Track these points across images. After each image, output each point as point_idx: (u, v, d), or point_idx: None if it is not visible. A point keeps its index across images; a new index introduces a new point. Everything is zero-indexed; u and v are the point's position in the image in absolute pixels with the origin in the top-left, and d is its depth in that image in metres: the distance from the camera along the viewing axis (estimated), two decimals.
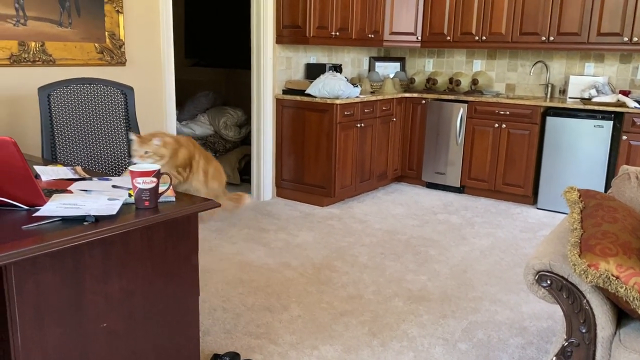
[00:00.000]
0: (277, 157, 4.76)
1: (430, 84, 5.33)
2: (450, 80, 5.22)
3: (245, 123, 5.63)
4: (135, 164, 1.88)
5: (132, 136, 2.05)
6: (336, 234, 3.86)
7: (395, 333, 2.51)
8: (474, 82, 5.12)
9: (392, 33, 5.23)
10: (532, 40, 4.70)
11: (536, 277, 1.77)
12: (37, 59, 2.97)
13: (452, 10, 5.06)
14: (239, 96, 6.12)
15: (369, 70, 5.67)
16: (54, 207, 1.49)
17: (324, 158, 4.46)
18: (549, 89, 4.91)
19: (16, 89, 2.93)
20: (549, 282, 1.74)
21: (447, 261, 3.41)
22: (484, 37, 4.92)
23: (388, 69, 5.70)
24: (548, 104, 4.51)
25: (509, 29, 4.79)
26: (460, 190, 5.05)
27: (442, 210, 4.53)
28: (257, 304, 2.74)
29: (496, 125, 4.72)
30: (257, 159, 4.72)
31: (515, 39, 4.78)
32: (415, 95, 5.14)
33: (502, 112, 4.68)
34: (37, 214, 1.46)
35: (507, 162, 4.72)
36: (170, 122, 3.82)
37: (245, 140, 5.60)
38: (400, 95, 5.10)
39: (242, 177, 5.23)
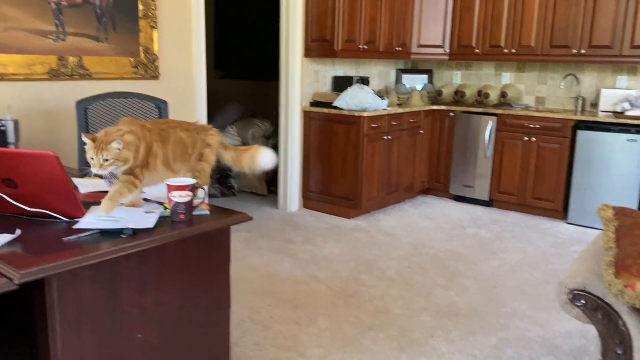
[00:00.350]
0: (304, 169, 4.79)
1: (459, 96, 5.31)
2: (479, 93, 5.19)
3: (273, 135, 5.68)
4: (91, 175, 1.65)
5: (85, 138, 1.56)
6: (363, 247, 3.85)
7: (424, 349, 2.49)
8: (503, 95, 5.08)
9: (420, 46, 5.24)
10: (563, 54, 4.65)
11: (570, 297, 1.75)
12: (75, 74, 3.06)
13: (481, 23, 5.05)
14: (266, 108, 6.19)
15: (397, 83, 5.68)
16: (93, 219, 1.54)
17: (351, 170, 4.47)
18: (580, 102, 4.85)
19: (55, 102, 3.02)
20: (583, 301, 1.72)
21: (476, 276, 3.38)
22: (513, 50, 4.88)
23: (415, 82, 5.70)
24: (579, 117, 4.45)
25: (539, 42, 4.75)
26: (488, 204, 5.00)
27: (471, 224, 4.49)
28: (285, 317, 2.76)
29: (526, 138, 4.67)
30: (284, 170, 4.75)
31: (545, 52, 4.73)
32: (443, 107, 5.13)
33: (532, 126, 4.64)
34: (77, 226, 1.50)
35: (537, 176, 4.66)
36: None
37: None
38: (428, 108, 5.09)
39: (269, 188, 5.27)
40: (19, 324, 1.51)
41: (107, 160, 1.55)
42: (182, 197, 1.60)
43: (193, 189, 1.63)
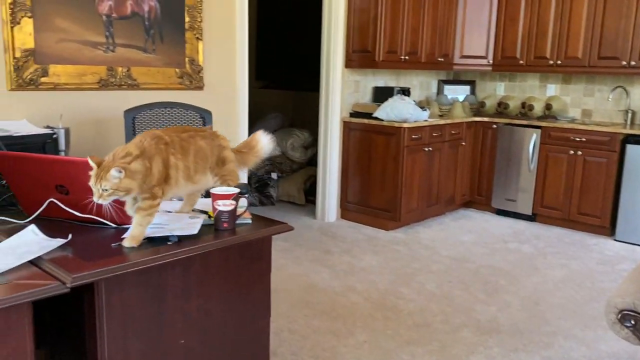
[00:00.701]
0: (342, 179, 4.79)
1: (502, 108, 5.22)
2: (523, 105, 5.09)
3: (312, 144, 5.71)
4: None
5: (91, 161, 1.42)
6: (402, 259, 3.82)
7: None
8: (548, 107, 4.97)
9: (463, 56, 5.18)
10: (611, 65, 4.52)
11: (619, 316, 1.69)
12: (123, 84, 3.16)
13: (525, 34, 4.96)
14: (305, 118, 6.23)
15: (438, 94, 5.63)
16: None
17: (390, 181, 4.45)
18: (630, 115, 4.69)
19: (103, 111, 3.12)
20: (632, 322, 1.65)
21: (518, 292, 3.29)
22: (559, 61, 4.78)
23: (457, 93, 5.64)
24: (628, 131, 4.31)
25: (586, 53, 4.63)
26: (531, 218, 4.88)
27: (513, 238, 4.39)
28: (322, 327, 2.75)
29: (571, 152, 4.54)
30: (322, 180, 4.76)
31: (592, 63, 4.61)
32: (485, 119, 5.05)
33: (577, 139, 4.51)
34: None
35: (582, 190, 4.53)
36: None
37: (311, 162, 5.68)
38: (469, 119, 5.03)
39: (307, 197, 5.29)
40: (69, 327, 1.56)
41: (105, 190, 1.39)
42: (226, 205, 1.63)
43: (237, 198, 1.66)
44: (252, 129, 5.80)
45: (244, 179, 4.06)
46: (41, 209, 1.64)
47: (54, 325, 1.62)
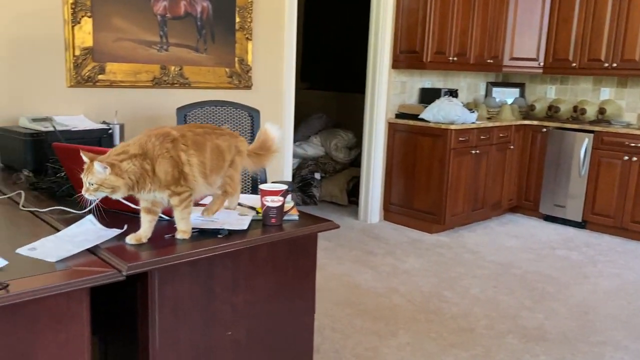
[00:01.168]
0: (386, 181, 4.76)
1: (552, 111, 5.09)
2: (575, 109, 4.94)
3: (356, 145, 5.71)
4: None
5: (83, 156, 1.38)
6: (445, 263, 3.77)
7: None
8: (601, 111, 4.81)
9: (513, 58, 5.08)
10: None
11: None
12: (175, 82, 3.24)
13: (579, 36, 4.82)
14: (350, 119, 6.23)
15: (486, 96, 5.53)
16: (193, 219, 1.61)
17: (435, 184, 4.40)
18: None
19: (156, 109, 3.22)
20: None
21: (567, 300, 3.20)
22: (614, 64, 4.62)
23: (506, 95, 5.53)
24: None
25: None
26: (581, 225, 4.73)
27: (561, 245, 4.27)
28: (365, 327, 2.75)
29: (626, 157, 4.38)
30: (366, 181, 4.76)
31: None
32: (535, 122, 4.93)
33: (633, 144, 4.35)
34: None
35: (636, 197, 4.36)
36: (288, 143, 3.98)
37: (355, 162, 5.67)
38: (518, 123, 4.92)
39: (349, 198, 5.29)
40: (121, 315, 1.61)
41: (91, 184, 1.35)
42: (274, 201, 1.66)
43: (285, 194, 1.68)
44: (296, 129, 5.87)
45: (288, 177, 4.11)
46: (97, 200, 1.70)
47: (107, 314, 1.68)
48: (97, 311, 1.67)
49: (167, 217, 1.66)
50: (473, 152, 4.49)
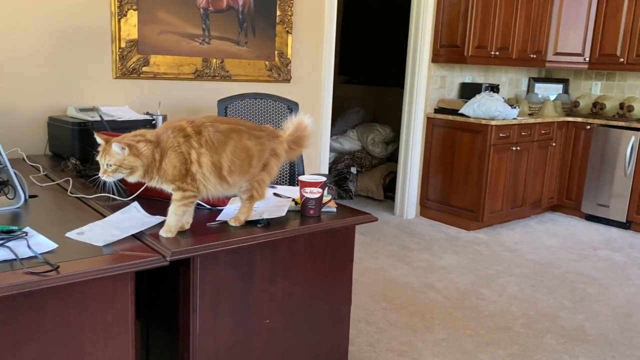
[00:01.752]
0: (423, 176, 4.72)
1: (597, 108, 4.94)
2: (621, 106, 4.79)
3: (393, 140, 5.68)
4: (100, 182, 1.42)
5: (98, 138, 1.40)
6: (483, 261, 3.72)
7: None
8: None
9: (557, 53, 4.95)
10: None
11: None
12: (217, 74, 3.29)
13: (627, 30, 4.65)
14: (387, 113, 6.20)
15: (528, 92, 5.42)
16: (233, 209, 1.65)
17: (474, 180, 4.34)
18: None
19: (197, 101, 3.27)
20: None
21: (608, 302, 3.12)
22: None
23: (549, 91, 5.39)
24: None
25: None
26: (625, 225, 4.59)
27: (604, 245, 4.15)
28: (400, 322, 2.74)
29: None
30: (402, 176, 4.73)
31: None
32: (579, 119, 4.80)
33: None
34: (220, 216, 1.61)
35: None
36: (325, 137, 3.99)
37: (391, 157, 5.65)
38: (561, 119, 4.80)
39: (386, 193, 5.27)
40: (162, 301, 1.66)
41: (109, 165, 1.35)
42: (313, 193, 1.67)
43: (324, 186, 1.69)
44: (333, 123, 5.88)
45: (325, 170, 4.12)
46: (142, 188, 1.75)
47: (149, 299, 1.73)
48: (140, 296, 1.72)
49: (208, 207, 1.70)
50: (513, 148, 4.40)
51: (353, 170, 5.37)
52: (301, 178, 1.67)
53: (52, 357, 1.21)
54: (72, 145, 2.37)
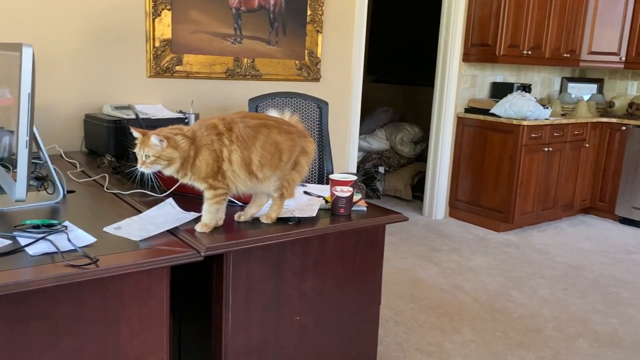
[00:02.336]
0: (452, 177, 4.68)
1: (633, 109, 4.82)
2: None
3: (422, 140, 5.64)
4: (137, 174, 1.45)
5: (134, 132, 1.41)
6: (513, 262, 3.67)
7: None
8: None
9: (591, 53, 4.85)
10: None
11: None
12: (247, 74, 3.33)
13: None
14: (416, 113, 6.17)
15: (561, 91, 5.32)
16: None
17: (504, 181, 4.28)
18: None
19: (229, 99, 3.31)
20: None
21: None
22: None
23: (582, 91, 5.29)
24: None
25: None
26: None
27: (639, 249, 4.05)
28: (428, 322, 2.73)
29: None
30: (431, 176, 4.70)
31: None
32: (613, 120, 4.69)
33: None
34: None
35: None
36: (353, 135, 3.99)
37: (420, 157, 5.61)
38: (595, 120, 4.70)
39: (414, 193, 5.24)
40: (196, 296, 1.69)
41: (148, 156, 1.36)
42: (343, 191, 1.68)
43: (354, 185, 1.70)
44: (362, 123, 5.88)
45: (353, 170, 4.12)
46: (176, 185, 1.79)
47: (182, 295, 1.76)
48: (173, 292, 1.76)
49: (240, 203, 1.72)
50: (545, 149, 4.33)
51: (381, 169, 5.36)
52: (332, 177, 1.68)
53: (91, 348, 1.24)
54: (108, 142, 2.43)
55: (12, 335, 1.14)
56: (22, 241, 1.30)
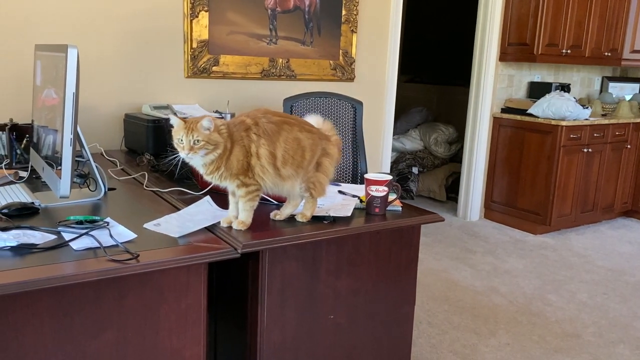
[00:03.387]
0: (488, 178, 4.61)
1: None
2: None
3: (456, 140, 5.57)
4: (177, 156, 1.43)
5: (174, 119, 1.42)
6: (550, 266, 3.59)
7: None
8: None
9: (634, 51, 4.70)
10: None
11: None
12: (282, 74, 3.35)
13: None
14: (450, 113, 6.10)
15: (601, 91, 5.18)
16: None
17: (541, 183, 4.20)
18: None
19: (264, 99, 3.35)
20: None
21: None
22: None
23: (624, 91, 5.14)
24: None
25: None
26: None
27: None
28: (462, 324, 2.70)
29: None
30: (467, 177, 4.64)
31: None
32: None
33: None
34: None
35: None
36: (387, 136, 3.98)
37: (455, 158, 5.55)
38: (637, 120, 4.56)
39: (448, 194, 5.19)
40: (231, 293, 1.71)
41: (197, 141, 1.37)
42: (378, 191, 1.67)
43: (389, 184, 1.69)
44: (396, 123, 5.85)
45: (386, 170, 4.10)
46: (213, 183, 1.82)
47: (218, 291, 1.79)
48: (210, 287, 1.78)
49: (275, 202, 1.74)
50: (585, 150, 4.23)
51: (414, 170, 5.32)
52: (367, 176, 1.68)
53: (131, 341, 1.28)
54: (147, 141, 2.49)
55: (57, 327, 1.18)
56: (67, 236, 1.34)
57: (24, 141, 2.23)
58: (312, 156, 1.50)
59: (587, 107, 4.24)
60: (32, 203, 1.57)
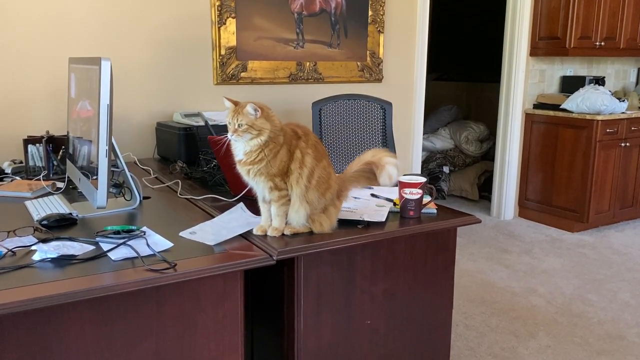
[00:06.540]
0: (522, 175, 4.52)
1: None
2: None
3: (487, 138, 5.48)
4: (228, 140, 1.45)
5: (226, 102, 1.46)
6: (589, 264, 3.50)
7: None
8: None
9: None
10: None
11: None
12: (310, 77, 3.35)
13: None
14: (480, 110, 6.00)
15: (637, 83, 5.02)
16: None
17: (577, 179, 4.09)
18: None
19: (292, 103, 3.35)
20: None
21: None
22: None
23: None
24: None
25: None
26: None
27: None
28: (501, 327, 2.64)
29: None
30: (499, 176, 4.55)
31: None
32: None
33: None
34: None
35: None
36: (417, 135, 3.93)
37: (486, 156, 5.46)
38: None
39: (480, 193, 5.10)
40: (267, 299, 1.71)
41: (241, 125, 1.39)
42: (413, 194, 1.65)
43: (424, 187, 1.67)
44: (425, 122, 5.79)
45: (417, 171, 4.06)
46: (246, 189, 1.82)
47: (253, 298, 1.79)
48: (246, 294, 1.79)
49: None
50: (622, 144, 4.10)
51: (445, 169, 5.25)
52: (401, 179, 1.65)
53: (170, 349, 1.28)
54: (179, 149, 2.51)
55: (98, 337, 1.20)
56: (105, 246, 1.36)
57: (60, 152, 2.27)
58: (330, 197, 1.50)
59: (623, 100, 4.12)
60: (70, 214, 1.60)
